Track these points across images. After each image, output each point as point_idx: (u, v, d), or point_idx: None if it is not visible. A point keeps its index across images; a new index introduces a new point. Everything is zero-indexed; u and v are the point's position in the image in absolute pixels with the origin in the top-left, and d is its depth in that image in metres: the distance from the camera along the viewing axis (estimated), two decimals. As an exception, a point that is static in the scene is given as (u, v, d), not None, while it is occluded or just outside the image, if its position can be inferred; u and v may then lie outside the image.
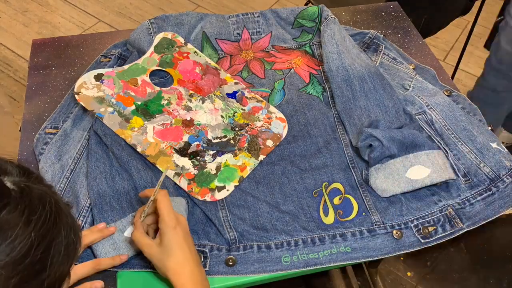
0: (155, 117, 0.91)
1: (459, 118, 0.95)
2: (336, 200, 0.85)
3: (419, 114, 0.97)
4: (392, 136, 0.86)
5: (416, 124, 0.93)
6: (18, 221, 0.39)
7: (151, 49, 1.01)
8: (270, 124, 0.94)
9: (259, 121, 0.94)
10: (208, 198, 0.83)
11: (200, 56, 1.02)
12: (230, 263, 0.76)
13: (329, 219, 0.82)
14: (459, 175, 0.88)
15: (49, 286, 0.41)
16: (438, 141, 0.92)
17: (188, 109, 0.94)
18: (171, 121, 0.91)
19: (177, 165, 0.86)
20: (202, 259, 0.76)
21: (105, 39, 1.10)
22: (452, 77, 1.95)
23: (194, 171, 0.86)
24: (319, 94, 1.01)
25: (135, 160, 0.84)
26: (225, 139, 0.91)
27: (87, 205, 0.80)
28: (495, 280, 0.81)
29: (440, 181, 0.85)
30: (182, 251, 0.68)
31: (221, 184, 0.85)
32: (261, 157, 0.89)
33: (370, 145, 0.87)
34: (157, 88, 0.96)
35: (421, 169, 0.85)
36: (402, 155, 0.86)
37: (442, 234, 0.81)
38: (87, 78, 0.94)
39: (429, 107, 0.97)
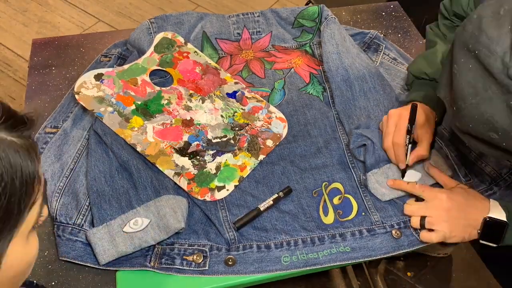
0: (155, 117, 0.91)
1: None
2: (336, 200, 0.85)
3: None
4: (380, 135, 0.87)
5: None
6: None
7: (151, 48, 1.01)
8: (270, 124, 0.94)
9: (259, 121, 0.94)
10: (207, 197, 0.83)
11: (200, 56, 1.02)
12: (229, 263, 0.76)
13: (329, 219, 0.82)
14: (460, 175, 0.88)
15: None
16: (439, 142, 0.92)
17: (188, 108, 0.94)
18: (171, 121, 0.91)
19: (177, 165, 0.86)
20: (202, 259, 0.76)
21: (105, 38, 1.10)
22: (452, 77, 1.94)
23: (194, 170, 0.86)
24: (319, 94, 1.01)
25: (135, 160, 0.84)
26: (225, 139, 0.90)
27: (87, 204, 0.80)
28: (494, 280, 0.81)
29: (433, 182, 0.85)
30: None
31: (221, 184, 0.85)
32: (261, 156, 0.89)
33: (364, 145, 0.87)
34: (157, 88, 0.96)
35: (413, 173, 0.86)
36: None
37: (442, 234, 0.81)
38: (87, 77, 0.94)
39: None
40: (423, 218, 0.79)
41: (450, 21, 0.94)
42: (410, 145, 0.83)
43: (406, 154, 0.83)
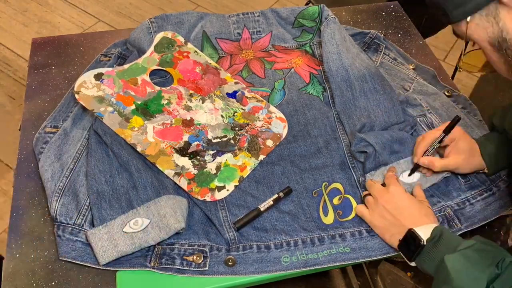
0: (155, 117, 0.91)
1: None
2: (336, 200, 0.85)
3: (420, 117, 0.97)
4: (383, 141, 0.87)
5: (413, 121, 0.93)
6: None
7: (151, 48, 1.01)
8: (270, 124, 0.94)
9: (259, 121, 0.94)
10: (208, 198, 0.83)
11: (200, 56, 1.02)
12: (229, 263, 0.76)
13: (329, 219, 0.82)
14: (459, 176, 0.88)
15: None
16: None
17: (188, 108, 0.94)
18: (171, 121, 0.91)
19: (177, 165, 0.86)
20: (202, 259, 0.76)
21: (105, 38, 1.10)
22: (452, 77, 1.94)
23: (194, 170, 0.85)
24: (319, 94, 1.01)
25: (135, 160, 0.84)
26: (225, 139, 0.90)
27: (87, 204, 0.80)
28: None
29: (432, 183, 0.85)
30: None
31: (221, 184, 0.85)
32: (261, 157, 0.89)
33: (365, 152, 0.87)
34: (157, 88, 0.96)
35: (412, 174, 0.86)
36: (394, 160, 0.87)
37: (442, 234, 0.81)
38: (87, 77, 0.93)
39: (429, 111, 0.97)
40: (368, 194, 0.82)
41: None
42: (433, 149, 0.83)
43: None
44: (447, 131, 0.82)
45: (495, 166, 0.86)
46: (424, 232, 0.72)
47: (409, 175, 0.85)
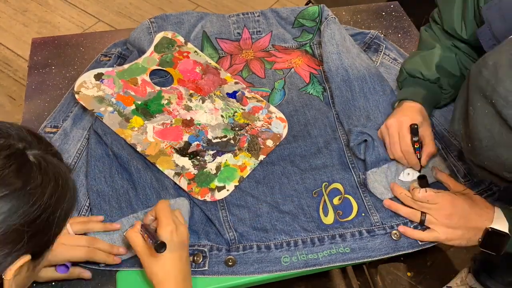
0: (155, 117, 0.91)
1: None
2: (336, 200, 0.85)
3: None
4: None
5: None
6: (36, 191, 0.48)
7: (151, 48, 1.01)
8: (270, 124, 0.94)
9: (259, 121, 0.94)
10: (208, 198, 0.83)
11: (200, 56, 1.02)
12: (229, 263, 0.76)
13: (329, 219, 0.82)
14: (459, 176, 0.88)
15: (48, 240, 0.51)
16: (439, 143, 0.92)
17: (188, 108, 0.94)
18: (171, 121, 0.91)
19: (177, 165, 0.86)
20: (202, 259, 0.75)
21: (105, 38, 1.10)
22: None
23: (194, 171, 0.85)
24: (319, 94, 1.01)
25: (135, 160, 0.84)
26: (225, 139, 0.90)
27: (87, 204, 0.80)
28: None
29: (433, 181, 0.85)
30: (171, 258, 0.67)
31: (221, 184, 0.85)
32: (261, 157, 0.89)
33: (365, 141, 0.87)
34: (157, 88, 0.95)
35: (411, 172, 0.86)
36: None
37: (442, 235, 0.81)
38: (87, 77, 0.93)
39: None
40: (424, 214, 0.79)
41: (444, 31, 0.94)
42: (418, 148, 0.84)
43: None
44: (415, 133, 0.84)
45: (423, 101, 0.89)
46: (500, 225, 0.74)
47: (420, 177, 0.84)
